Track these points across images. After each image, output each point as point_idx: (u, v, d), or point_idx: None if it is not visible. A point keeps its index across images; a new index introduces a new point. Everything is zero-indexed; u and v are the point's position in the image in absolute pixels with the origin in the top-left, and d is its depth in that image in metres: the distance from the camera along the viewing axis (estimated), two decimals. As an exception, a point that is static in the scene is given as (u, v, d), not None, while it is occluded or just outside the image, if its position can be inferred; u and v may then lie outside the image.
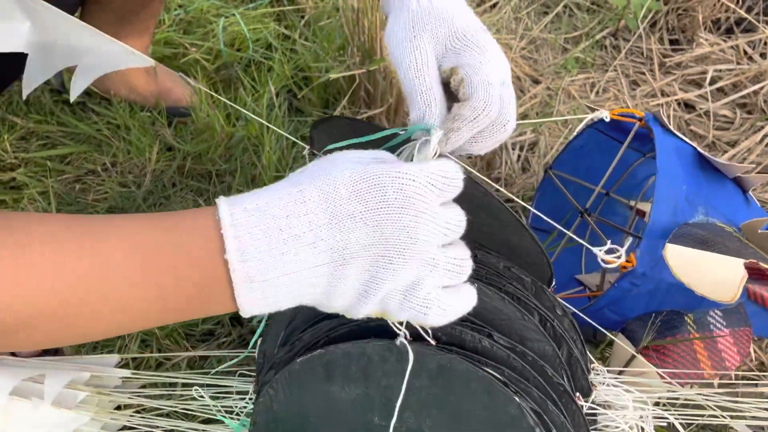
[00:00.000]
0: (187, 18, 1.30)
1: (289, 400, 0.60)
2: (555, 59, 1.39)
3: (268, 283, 0.43)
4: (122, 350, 0.90)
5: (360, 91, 1.17)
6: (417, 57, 0.53)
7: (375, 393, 0.57)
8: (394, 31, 0.55)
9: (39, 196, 1.06)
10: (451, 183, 0.46)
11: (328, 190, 0.44)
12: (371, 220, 0.44)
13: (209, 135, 1.12)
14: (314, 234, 0.43)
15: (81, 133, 1.14)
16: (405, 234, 0.44)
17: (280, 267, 0.43)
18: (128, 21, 1.06)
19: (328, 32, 1.27)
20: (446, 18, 0.54)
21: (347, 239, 0.44)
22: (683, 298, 0.74)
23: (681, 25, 1.41)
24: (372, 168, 0.45)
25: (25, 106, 1.16)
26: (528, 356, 0.58)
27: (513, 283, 0.62)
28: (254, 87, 1.21)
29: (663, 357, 0.72)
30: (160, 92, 1.16)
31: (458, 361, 0.54)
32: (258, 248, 0.43)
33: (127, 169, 1.11)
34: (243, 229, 0.43)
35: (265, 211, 0.43)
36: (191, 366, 0.87)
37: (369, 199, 0.44)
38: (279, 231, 0.43)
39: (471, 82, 0.51)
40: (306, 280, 0.44)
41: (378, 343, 0.55)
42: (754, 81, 1.32)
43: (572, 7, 1.48)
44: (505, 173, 1.15)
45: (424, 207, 0.44)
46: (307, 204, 0.44)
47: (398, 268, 0.44)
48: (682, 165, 0.79)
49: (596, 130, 0.99)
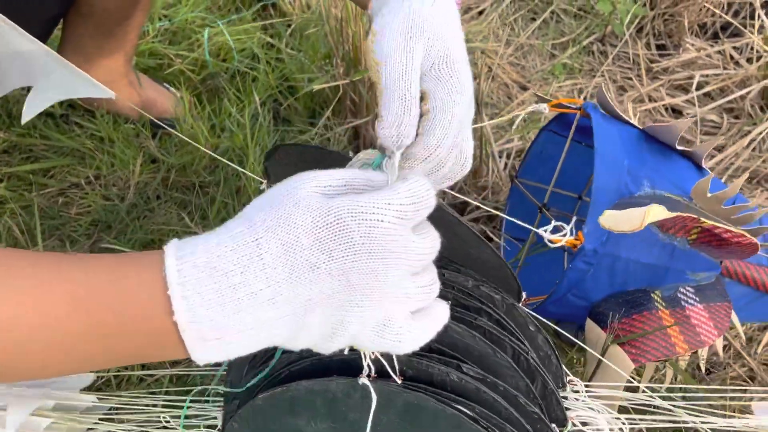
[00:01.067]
0: (171, 29, 1.30)
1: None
2: (542, 65, 1.39)
3: (222, 341, 0.40)
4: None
5: (345, 101, 1.16)
6: (408, 59, 0.49)
7: (342, 427, 0.56)
8: (389, 22, 0.50)
9: (21, 210, 1.05)
10: (423, 206, 0.43)
11: (288, 240, 0.40)
12: (336, 270, 0.40)
13: (193, 147, 1.11)
14: (272, 290, 0.40)
15: (64, 146, 1.13)
16: (373, 278, 0.41)
17: (234, 326, 0.40)
18: (111, 32, 1.05)
19: (313, 42, 1.26)
20: (443, 36, 0.51)
21: (310, 291, 0.40)
22: (645, 275, 0.73)
23: (667, 30, 1.41)
24: (336, 206, 0.41)
25: (7, 119, 1.15)
26: (499, 386, 0.57)
27: (484, 305, 0.61)
28: (239, 97, 1.20)
29: (633, 341, 0.71)
30: (144, 104, 1.15)
31: (424, 398, 0.53)
32: (209, 308, 0.39)
33: (110, 182, 1.10)
34: (191, 289, 0.39)
35: (217, 267, 0.40)
36: (172, 382, 0.86)
37: (334, 247, 0.40)
38: (233, 290, 0.39)
39: (434, 117, 0.49)
40: (265, 333, 0.41)
41: (341, 380, 0.53)
42: (740, 86, 1.32)
43: (559, 14, 1.48)
44: (492, 181, 1.15)
45: (393, 246, 0.41)
46: (264, 258, 0.40)
47: (366, 311, 0.42)
48: (624, 144, 0.78)
49: (551, 132, 0.98)
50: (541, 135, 0.99)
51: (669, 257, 0.73)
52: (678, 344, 0.69)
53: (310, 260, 0.40)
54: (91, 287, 0.41)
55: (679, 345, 0.69)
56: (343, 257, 0.40)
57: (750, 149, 1.23)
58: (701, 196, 0.70)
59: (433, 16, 0.51)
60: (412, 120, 0.48)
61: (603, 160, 0.73)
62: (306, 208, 0.41)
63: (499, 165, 1.18)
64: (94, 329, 0.41)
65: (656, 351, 0.71)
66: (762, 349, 1.01)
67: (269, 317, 0.40)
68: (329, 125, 1.19)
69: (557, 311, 0.76)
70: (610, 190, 0.72)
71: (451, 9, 0.53)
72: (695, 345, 0.70)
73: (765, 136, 1.25)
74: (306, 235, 0.40)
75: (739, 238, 0.68)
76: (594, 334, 0.73)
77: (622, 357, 0.72)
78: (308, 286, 0.40)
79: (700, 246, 0.72)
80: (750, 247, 0.69)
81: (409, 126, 0.48)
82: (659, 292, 0.74)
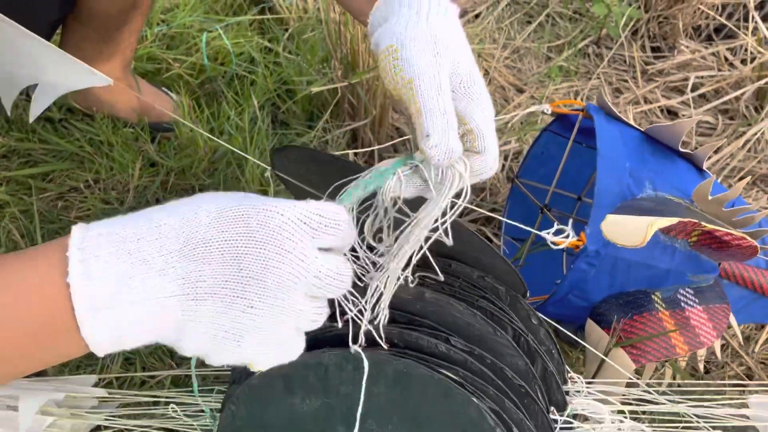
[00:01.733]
0: (169, 33, 1.30)
1: (251, 415, 0.60)
2: (539, 68, 1.40)
3: (113, 311, 0.39)
4: (104, 370, 0.89)
5: (344, 104, 1.17)
6: (441, 76, 0.49)
7: (335, 402, 0.57)
8: (413, 37, 0.50)
9: (21, 215, 1.05)
10: (329, 224, 0.42)
11: (188, 217, 0.41)
12: (228, 251, 0.40)
13: (192, 150, 1.11)
14: (164, 260, 0.40)
15: (63, 150, 1.13)
16: (266, 273, 0.40)
17: (125, 293, 0.39)
18: (110, 37, 1.06)
19: (311, 45, 1.27)
20: (464, 53, 0.51)
21: (201, 270, 0.40)
22: (646, 276, 0.74)
23: (662, 32, 1.42)
24: (241, 201, 0.42)
25: (6, 123, 1.15)
26: (486, 359, 0.58)
27: (487, 294, 0.62)
28: (237, 101, 1.21)
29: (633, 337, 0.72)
30: (143, 108, 1.16)
31: (414, 365, 0.54)
32: (104, 270, 0.39)
33: (110, 186, 1.11)
34: (90, 252, 0.39)
35: (117, 233, 0.40)
36: (176, 384, 0.86)
37: (228, 228, 0.40)
38: (128, 254, 0.40)
39: (484, 137, 0.50)
40: (154, 312, 0.40)
41: (333, 352, 0.55)
42: (735, 87, 1.33)
43: (554, 17, 1.49)
44: (490, 183, 1.15)
45: (290, 245, 0.40)
46: (161, 228, 0.40)
47: (258, 315, 0.41)
48: (626, 146, 0.79)
49: (552, 133, 0.99)
50: (542, 136, 1.00)
51: (670, 259, 0.73)
52: (678, 345, 0.70)
53: (204, 235, 0.40)
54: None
55: (679, 346, 0.70)
56: (237, 239, 0.40)
57: (745, 150, 1.24)
58: (702, 198, 0.71)
59: (450, 29, 0.52)
60: (456, 136, 0.49)
61: (605, 162, 0.74)
62: (220, 196, 0.43)
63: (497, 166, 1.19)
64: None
65: (656, 352, 0.71)
66: (759, 348, 1.02)
67: (159, 293, 0.40)
68: (328, 128, 1.20)
69: (558, 311, 0.77)
70: (613, 192, 0.73)
71: (457, 19, 0.54)
72: (695, 346, 0.71)
73: (760, 136, 1.26)
74: (206, 214, 0.41)
75: (740, 241, 0.69)
76: (595, 334, 0.73)
77: (623, 357, 0.73)
78: (200, 263, 0.40)
79: (701, 248, 0.73)
80: (750, 250, 0.70)
81: (455, 140, 0.49)
82: (659, 293, 0.75)
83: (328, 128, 1.20)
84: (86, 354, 0.77)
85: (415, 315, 0.60)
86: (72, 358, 0.44)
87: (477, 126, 0.50)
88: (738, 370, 1.00)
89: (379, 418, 0.57)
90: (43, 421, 0.68)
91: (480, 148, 0.50)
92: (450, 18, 0.52)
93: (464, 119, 0.50)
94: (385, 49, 0.51)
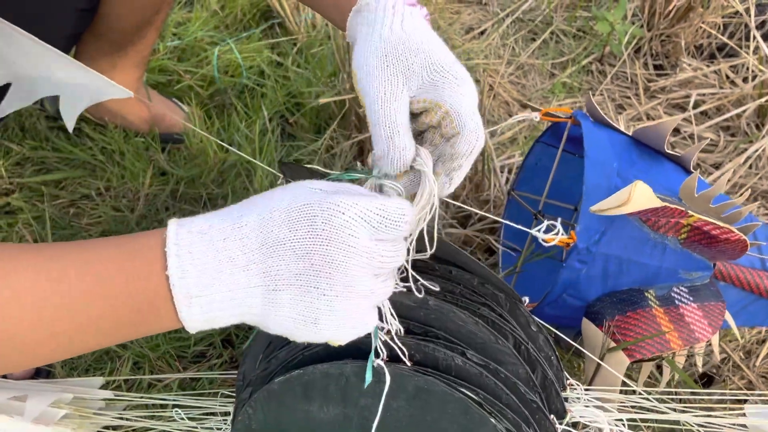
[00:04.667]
0: (181, 46, 1.33)
1: (267, 418, 0.60)
2: (543, 84, 1.42)
3: (205, 299, 0.45)
4: (113, 373, 0.90)
5: (351, 116, 1.19)
6: (387, 88, 0.52)
7: (353, 413, 0.58)
8: (365, 59, 0.54)
9: (34, 221, 1.07)
10: (390, 223, 0.46)
11: (265, 216, 0.46)
12: (299, 249, 0.45)
13: (202, 160, 1.13)
14: (247, 258, 0.45)
15: (76, 158, 1.16)
16: (333, 267, 0.45)
17: (216, 285, 0.45)
18: (124, 51, 1.08)
19: (319, 59, 1.30)
20: (421, 49, 0.54)
21: (278, 265, 0.45)
22: (637, 274, 0.75)
23: (664, 50, 1.45)
24: (310, 196, 0.46)
25: (20, 132, 1.18)
26: (501, 373, 0.59)
27: (488, 301, 0.62)
28: (247, 113, 1.23)
29: (628, 336, 0.72)
30: (154, 118, 1.18)
31: (434, 383, 0.55)
32: (196, 267, 0.45)
33: (120, 194, 1.13)
34: (184, 248, 0.45)
35: (207, 233, 0.46)
36: (183, 387, 0.88)
37: (298, 227, 0.45)
38: (216, 252, 0.45)
39: (459, 115, 0.52)
40: (241, 300, 0.46)
41: (356, 363, 0.55)
42: (736, 104, 1.35)
43: (558, 34, 1.51)
44: (494, 195, 1.17)
45: (352, 241, 0.45)
46: (243, 229, 0.46)
47: (333, 301, 0.46)
48: (614, 148, 0.80)
49: (545, 144, 1.00)
50: (536, 147, 1.01)
51: (661, 255, 0.74)
52: (672, 340, 0.71)
53: (279, 236, 0.45)
54: (100, 250, 0.46)
55: (674, 341, 0.71)
56: (305, 238, 0.45)
57: (746, 166, 1.26)
58: (690, 195, 0.72)
59: (406, 36, 0.54)
60: (398, 145, 0.52)
61: (593, 162, 0.75)
62: (287, 194, 0.47)
63: (501, 180, 1.20)
64: (100, 288, 0.45)
65: (651, 346, 0.72)
66: (760, 362, 1.02)
67: (244, 284, 0.45)
68: (335, 137, 1.22)
69: (554, 313, 0.77)
70: (601, 190, 0.74)
71: (421, 24, 0.56)
72: (690, 341, 0.71)
73: (761, 153, 1.27)
74: (279, 213, 0.46)
75: (728, 234, 0.69)
76: (591, 333, 0.74)
77: (619, 354, 0.73)
78: (276, 259, 0.45)
79: (692, 245, 0.74)
80: (740, 244, 0.70)
81: (398, 152, 0.52)
82: (653, 291, 0.76)
83: (336, 139, 1.22)
84: (95, 357, 0.79)
85: (419, 322, 0.61)
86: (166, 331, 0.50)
87: (450, 105, 0.52)
88: (739, 384, 1.01)
89: (394, 430, 0.58)
90: (56, 414, 0.70)
91: (458, 126, 0.52)
92: (407, 25, 0.55)
93: (439, 104, 0.53)
94: (352, 73, 0.55)
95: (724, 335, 1.01)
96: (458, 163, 0.53)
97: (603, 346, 0.72)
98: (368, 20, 0.55)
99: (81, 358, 0.91)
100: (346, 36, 0.60)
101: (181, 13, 1.40)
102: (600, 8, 1.52)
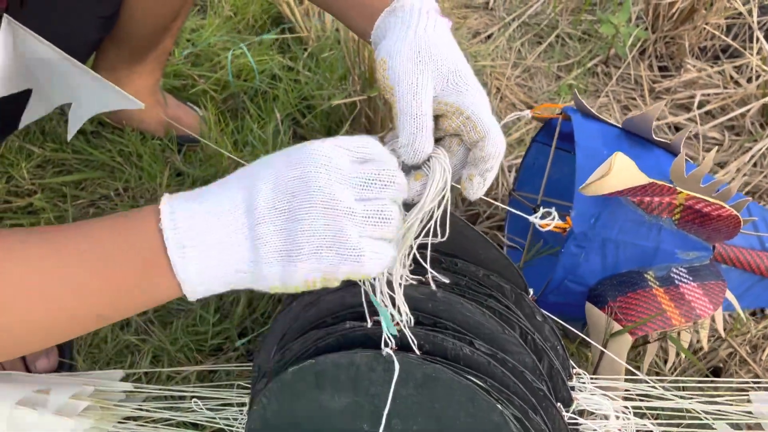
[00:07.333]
0: (195, 51, 1.37)
1: (281, 408, 0.62)
2: (549, 86, 1.45)
3: (197, 249, 0.47)
4: (133, 366, 0.93)
5: (361, 118, 1.22)
6: (419, 80, 0.54)
7: (364, 401, 0.60)
8: (397, 48, 0.56)
9: (55, 221, 1.10)
10: (364, 148, 0.49)
11: (246, 168, 0.50)
12: (272, 178, 0.48)
13: (217, 160, 1.17)
14: (231, 202, 0.48)
15: (95, 160, 1.19)
16: (304, 184, 0.47)
17: (206, 234, 0.47)
18: (143, 57, 1.11)
19: (330, 63, 1.33)
20: (450, 56, 0.56)
21: (256, 200, 0.47)
22: (635, 255, 0.76)
23: (669, 52, 1.47)
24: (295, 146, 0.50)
25: (41, 135, 1.21)
26: (508, 363, 0.60)
27: (494, 292, 0.64)
28: (260, 115, 1.26)
29: (630, 315, 0.74)
30: (170, 122, 1.21)
31: (442, 370, 0.57)
32: (186, 219, 0.48)
33: (138, 194, 1.16)
34: (176, 206, 0.49)
35: (196, 192, 0.50)
36: (200, 379, 0.90)
37: (273, 162, 0.49)
38: (204, 203, 0.48)
39: (482, 121, 0.54)
40: (231, 243, 0.48)
41: (365, 353, 0.57)
42: (740, 104, 1.37)
43: (564, 37, 1.54)
44: (502, 194, 1.19)
45: (325, 160, 0.47)
46: (228, 182, 0.50)
47: (306, 219, 0.47)
48: (604, 138, 0.82)
49: (540, 143, 1.02)
50: (532, 147, 1.03)
51: (657, 236, 0.76)
52: (674, 317, 0.72)
53: (254, 171, 0.49)
54: (98, 223, 0.50)
55: (675, 318, 0.72)
56: (279, 167, 0.48)
57: (751, 164, 1.28)
58: (680, 176, 0.74)
59: (437, 39, 0.57)
60: (426, 137, 0.54)
61: (584, 151, 0.77)
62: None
63: (509, 179, 1.23)
64: (96, 248, 0.48)
65: (653, 323, 0.73)
66: (767, 356, 1.04)
67: (231, 226, 0.48)
68: (346, 141, 1.25)
69: (558, 300, 0.79)
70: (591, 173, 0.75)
71: (448, 32, 0.59)
72: (691, 317, 0.72)
73: (765, 151, 1.29)
74: (259, 162, 0.50)
75: (720, 210, 0.71)
76: (594, 315, 0.76)
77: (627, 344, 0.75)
78: (255, 195, 0.48)
79: (686, 225, 0.75)
80: (733, 221, 0.72)
81: (423, 141, 0.54)
82: (652, 272, 0.77)
83: (346, 141, 1.25)
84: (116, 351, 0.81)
85: (427, 314, 0.63)
86: (168, 301, 0.52)
87: (472, 112, 0.55)
88: (746, 378, 1.02)
89: (404, 417, 0.59)
90: (78, 405, 0.72)
91: (482, 130, 0.54)
92: (439, 30, 0.58)
93: (460, 109, 0.55)
94: (379, 61, 0.57)
95: (731, 330, 1.03)
96: (490, 165, 0.55)
97: (606, 329, 0.74)
98: (402, 19, 0.58)
99: (102, 351, 0.94)
100: (369, 35, 0.62)
101: (195, 20, 1.44)
102: (605, 11, 1.55)
